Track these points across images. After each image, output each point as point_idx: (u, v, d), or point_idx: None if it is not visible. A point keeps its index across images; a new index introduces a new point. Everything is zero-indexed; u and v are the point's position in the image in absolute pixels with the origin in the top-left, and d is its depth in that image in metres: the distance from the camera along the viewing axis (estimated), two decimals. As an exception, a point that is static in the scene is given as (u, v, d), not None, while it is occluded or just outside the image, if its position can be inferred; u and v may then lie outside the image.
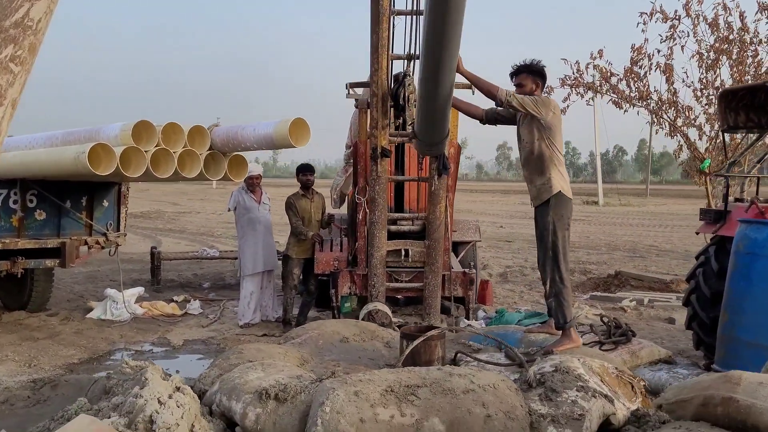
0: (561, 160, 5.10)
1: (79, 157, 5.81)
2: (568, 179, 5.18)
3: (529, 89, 5.13)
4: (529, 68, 5.18)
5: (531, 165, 5.11)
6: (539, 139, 5.03)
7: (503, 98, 4.98)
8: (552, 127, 5.00)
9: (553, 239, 5.03)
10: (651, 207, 40.06)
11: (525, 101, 4.97)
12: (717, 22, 10.03)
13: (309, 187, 7.99)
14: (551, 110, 5.01)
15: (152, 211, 28.75)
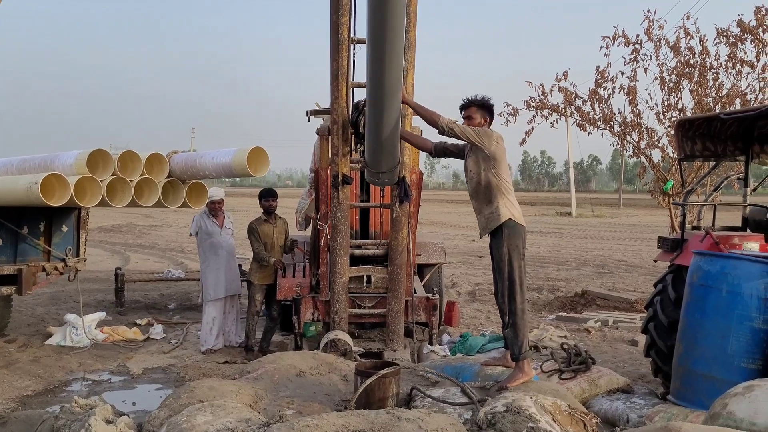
0: (509, 189, 5.14)
1: (31, 188, 5.72)
2: (518, 207, 5.21)
3: (477, 123, 5.19)
4: (479, 103, 5.25)
5: (479, 195, 5.15)
6: (485, 170, 5.07)
7: (444, 126, 5.06)
8: (496, 157, 5.05)
9: (509, 270, 5.05)
10: (623, 218, 40.50)
11: (466, 130, 5.03)
12: (678, 45, 10.19)
13: (272, 213, 7.94)
14: (494, 141, 5.06)
15: (123, 224, 28.43)
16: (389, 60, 4.57)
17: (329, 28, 6.41)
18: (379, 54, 4.56)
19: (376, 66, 4.67)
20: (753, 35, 9.49)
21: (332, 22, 6.34)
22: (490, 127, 5.24)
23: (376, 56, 4.59)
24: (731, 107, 9.81)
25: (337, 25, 6.29)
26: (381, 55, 4.55)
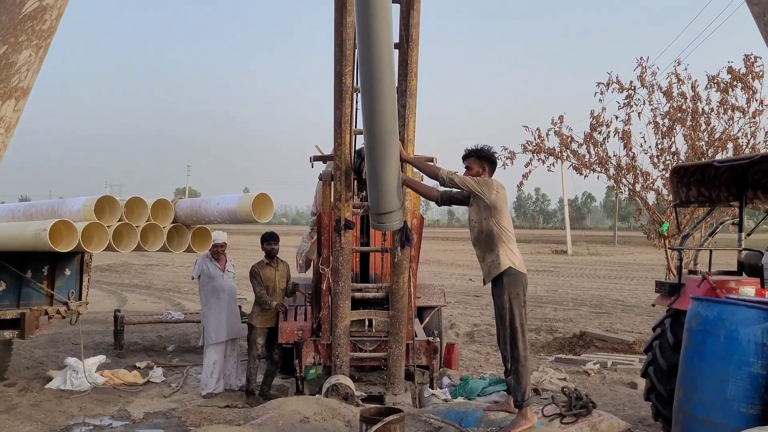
0: (510, 237, 5.26)
1: (39, 234, 5.80)
2: (519, 255, 5.32)
3: (476, 172, 5.33)
4: (478, 153, 5.40)
5: (481, 243, 5.27)
6: (486, 219, 5.20)
7: (445, 177, 5.19)
8: (497, 206, 5.17)
9: (511, 318, 5.15)
10: (618, 256, 40.64)
11: (466, 181, 5.17)
12: (671, 91, 10.43)
13: (273, 256, 8.02)
14: (494, 190, 5.18)
15: (119, 263, 28.38)
16: (380, 110, 4.76)
17: (332, 77, 6.58)
18: (371, 104, 4.77)
19: (370, 116, 4.87)
20: (743, 82, 9.75)
21: (336, 72, 6.51)
22: (491, 177, 5.37)
23: (368, 106, 4.79)
24: (724, 151, 10.02)
25: (341, 75, 6.47)
26: (372, 105, 4.76)
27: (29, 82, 2.31)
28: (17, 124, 2.31)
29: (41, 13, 2.31)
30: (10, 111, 2.25)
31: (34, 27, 2.29)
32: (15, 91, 2.25)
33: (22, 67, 2.26)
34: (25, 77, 2.28)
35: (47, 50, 2.31)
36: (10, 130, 2.26)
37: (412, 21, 6.27)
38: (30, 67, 2.29)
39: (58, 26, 2.35)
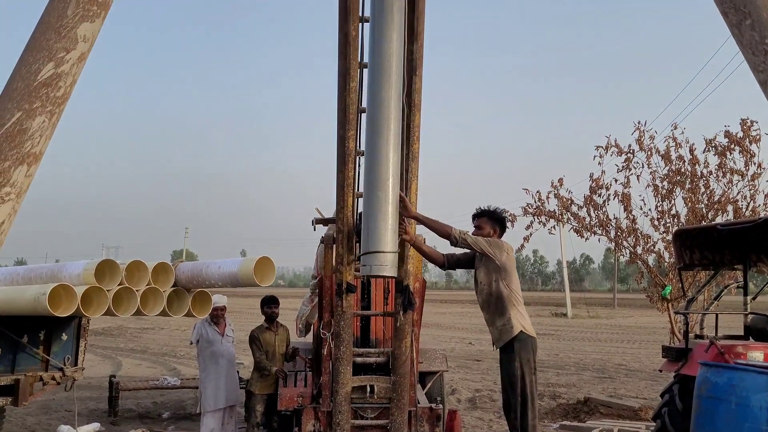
0: (519, 300, 5.21)
1: (38, 299, 5.74)
2: (528, 318, 5.26)
3: (487, 233, 5.31)
4: (490, 214, 5.39)
5: (491, 307, 5.21)
6: (496, 281, 5.16)
7: (457, 237, 5.16)
8: (507, 268, 5.14)
9: (522, 386, 5.05)
10: (619, 319, 40.31)
11: (478, 241, 5.14)
12: (669, 154, 10.55)
13: (274, 320, 7.92)
14: (504, 251, 5.16)
15: (114, 327, 28.04)
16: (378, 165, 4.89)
17: (335, 141, 6.63)
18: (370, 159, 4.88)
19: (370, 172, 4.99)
20: (740, 146, 9.87)
21: (338, 136, 6.56)
22: (501, 238, 5.36)
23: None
24: (724, 214, 10.06)
25: (344, 139, 6.51)
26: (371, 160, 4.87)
27: (41, 148, 2.31)
28: (28, 189, 2.30)
29: (56, 80, 2.33)
30: (22, 176, 2.24)
31: (48, 93, 2.31)
32: (27, 156, 2.26)
33: (36, 133, 2.27)
34: (38, 143, 2.28)
35: (60, 116, 2.33)
36: (21, 195, 2.25)
37: (414, 86, 6.36)
38: (43, 133, 2.30)
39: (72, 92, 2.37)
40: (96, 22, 2.46)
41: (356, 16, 6.13)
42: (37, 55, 2.33)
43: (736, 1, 2.71)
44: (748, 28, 2.66)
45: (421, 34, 6.26)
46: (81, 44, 2.39)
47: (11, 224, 2.25)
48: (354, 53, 6.19)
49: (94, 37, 2.44)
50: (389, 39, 5.42)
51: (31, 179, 2.30)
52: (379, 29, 5.42)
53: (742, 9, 2.70)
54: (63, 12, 2.41)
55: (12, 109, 2.26)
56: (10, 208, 2.21)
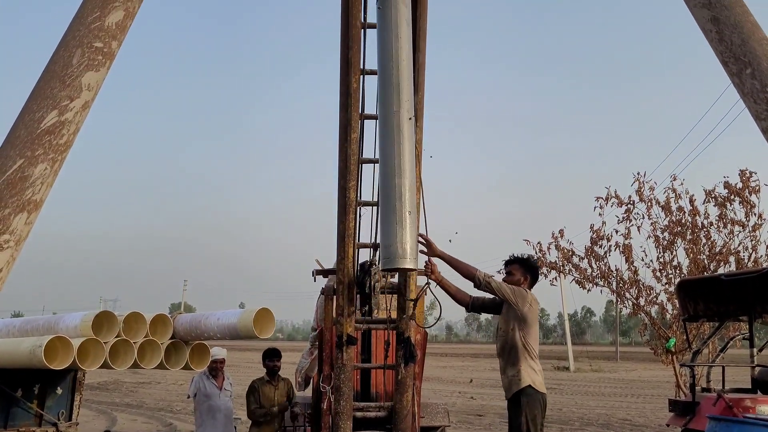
0: (533, 354, 5.12)
1: (34, 351, 5.64)
2: (540, 372, 5.16)
3: (516, 280, 5.26)
4: (522, 261, 5.35)
5: (505, 355, 5.15)
6: (513, 330, 5.09)
7: (482, 279, 5.08)
8: (527, 319, 5.07)
9: (527, 442, 4.93)
10: (622, 373, 39.74)
11: (503, 287, 5.07)
12: (669, 205, 10.57)
13: (275, 373, 7.77)
14: (528, 303, 5.09)
15: (110, 381, 27.61)
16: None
17: (336, 192, 6.64)
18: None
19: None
20: (740, 197, 9.90)
21: (340, 187, 6.57)
22: (530, 288, 5.29)
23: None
24: (726, 265, 10.00)
25: (345, 189, 6.52)
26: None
27: (42, 196, 2.29)
28: (27, 236, 2.27)
29: (59, 128, 2.33)
30: (21, 224, 2.22)
31: (51, 141, 2.30)
32: (28, 204, 2.24)
33: (37, 181, 2.26)
34: (38, 190, 2.27)
35: (62, 164, 2.32)
36: (20, 243, 2.22)
37: (415, 137, 6.41)
38: (44, 181, 2.28)
39: (75, 140, 2.37)
40: (101, 71, 2.47)
41: (357, 68, 6.22)
42: (41, 103, 2.34)
43: (736, 50, 2.74)
44: (748, 77, 2.68)
45: (421, 86, 6.34)
46: (85, 93, 2.40)
47: (9, 272, 2.21)
48: (355, 105, 6.26)
49: (98, 85, 2.45)
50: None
51: (31, 227, 2.27)
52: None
53: (742, 58, 2.72)
54: (68, 61, 2.42)
55: (14, 156, 2.25)
56: (8, 255, 2.18)
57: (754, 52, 2.68)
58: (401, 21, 5.39)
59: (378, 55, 5.41)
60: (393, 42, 5.32)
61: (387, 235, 5.39)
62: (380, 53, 5.35)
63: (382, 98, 5.15)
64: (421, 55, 6.30)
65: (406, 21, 5.46)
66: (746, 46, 2.70)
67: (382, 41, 5.35)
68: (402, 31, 5.38)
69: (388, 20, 5.38)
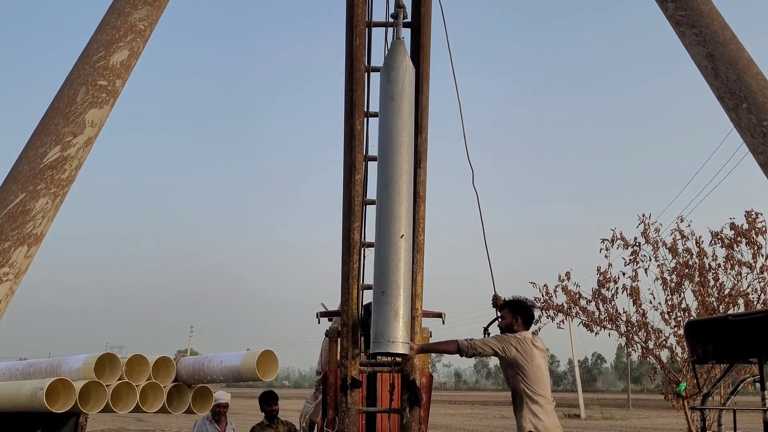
0: (535, 398, 5.01)
1: (36, 394, 5.61)
2: (547, 415, 5.03)
3: (508, 323, 5.25)
4: (510, 305, 5.33)
5: (513, 400, 5.14)
6: (512, 376, 5.05)
7: (465, 348, 5.07)
8: (518, 361, 5.00)
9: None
10: (634, 420, 38.98)
11: (486, 343, 5.06)
12: (676, 247, 10.53)
13: (273, 417, 7.66)
14: (512, 346, 5.03)
15: (113, 429, 27.27)
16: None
17: (341, 233, 6.65)
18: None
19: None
20: (747, 238, 9.85)
21: (344, 228, 6.59)
22: (526, 329, 5.25)
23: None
24: (735, 307, 9.90)
25: (349, 231, 6.53)
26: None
27: (43, 229, 2.31)
28: (27, 270, 2.28)
29: (62, 163, 2.36)
30: (21, 257, 2.23)
31: (53, 176, 2.33)
32: (28, 237, 2.25)
33: (38, 215, 2.28)
34: (39, 224, 2.29)
35: (64, 198, 2.34)
36: (19, 276, 2.23)
37: (419, 178, 6.44)
38: (45, 215, 2.31)
39: (77, 175, 2.40)
40: (104, 109, 2.52)
41: (362, 110, 6.30)
42: (44, 139, 2.38)
43: (732, 86, 2.77)
44: (745, 112, 2.70)
45: (425, 128, 6.40)
46: (88, 129, 2.44)
47: (8, 304, 2.22)
48: (359, 146, 6.32)
49: (102, 122, 2.50)
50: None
51: (31, 260, 2.29)
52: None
53: (738, 93, 2.75)
54: (72, 99, 2.47)
55: (16, 190, 2.28)
56: (7, 288, 2.19)
57: (749, 87, 2.71)
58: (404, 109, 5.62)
59: (378, 142, 5.61)
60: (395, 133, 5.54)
61: (376, 320, 5.50)
62: (379, 140, 5.57)
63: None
64: (424, 98, 6.38)
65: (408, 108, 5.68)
66: (741, 82, 2.73)
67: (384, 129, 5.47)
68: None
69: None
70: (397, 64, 5.66)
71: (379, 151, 5.57)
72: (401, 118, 5.60)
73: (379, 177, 5.49)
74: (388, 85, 5.61)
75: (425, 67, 6.32)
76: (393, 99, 5.60)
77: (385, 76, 5.66)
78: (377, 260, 5.21)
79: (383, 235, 5.09)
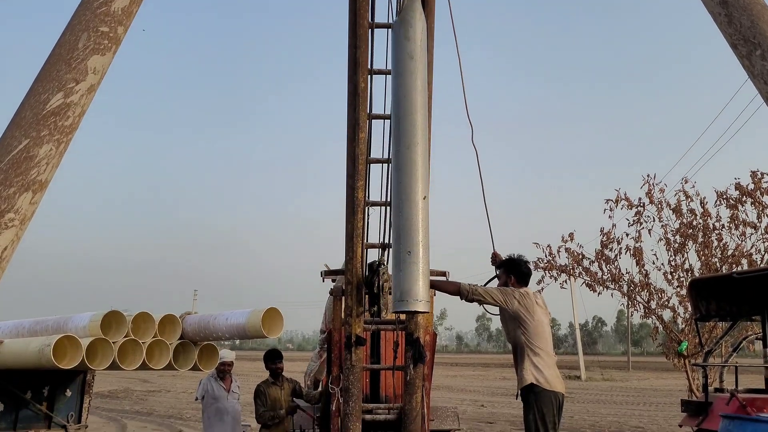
0: (537, 351, 5.06)
1: (43, 350, 5.65)
2: (550, 370, 5.08)
3: (503, 282, 5.25)
4: (505, 263, 5.33)
5: (514, 353, 5.19)
6: (513, 329, 5.08)
7: (467, 291, 5.08)
8: (520, 314, 5.04)
9: (537, 440, 4.88)
10: (634, 381, 39.41)
11: (489, 292, 5.07)
12: (680, 207, 10.50)
13: (279, 375, 7.74)
14: (515, 300, 5.05)
15: (120, 389, 27.65)
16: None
17: (345, 192, 6.63)
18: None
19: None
20: (752, 197, 9.81)
21: (348, 186, 6.56)
22: (525, 285, 5.27)
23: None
24: (738, 267, 9.90)
25: (353, 189, 6.50)
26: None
27: (48, 176, 2.29)
28: (32, 217, 2.27)
29: (65, 109, 2.33)
30: (26, 203, 2.22)
31: (56, 122, 2.30)
32: (33, 183, 2.24)
33: (42, 161, 2.26)
34: (44, 171, 2.27)
35: (68, 146, 2.32)
36: (25, 222, 2.22)
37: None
38: (50, 162, 2.29)
39: (80, 123, 2.37)
40: (107, 56, 2.48)
41: (365, 68, 6.21)
42: (46, 85, 2.35)
43: (746, 32, 2.71)
44: (758, 59, 2.65)
45: (430, 84, 6.34)
46: (91, 76, 2.40)
47: (14, 251, 2.21)
48: (363, 104, 6.25)
49: (104, 69, 2.46)
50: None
51: (36, 206, 2.27)
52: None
53: (751, 40, 2.70)
54: (74, 45, 2.43)
55: (19, 136, 2.26)
56: (13, 234, 2.18)
57: (763, 33, 2.66)
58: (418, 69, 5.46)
59: (392, 101, 5.48)
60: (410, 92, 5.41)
61: (395, 278, 5.50)
62: (395, 100, 5.44)
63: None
64: (429, 55, 6.29)
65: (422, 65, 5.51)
66: (756, 28, 2.68)
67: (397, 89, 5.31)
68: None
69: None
70: (415, 21, 5.49)
71: (397, 111, 5.44)
72: (420, 78, 5.48)
73: (399, 138, 5.38)
74: (405, 42, 5.44)
75: (431, 22, 6.22)
76: (412, 58, 5.46)
77: (402, 33, 5.48)
78: (400, 220, 5.17)
79: (406, 196, 5.06)
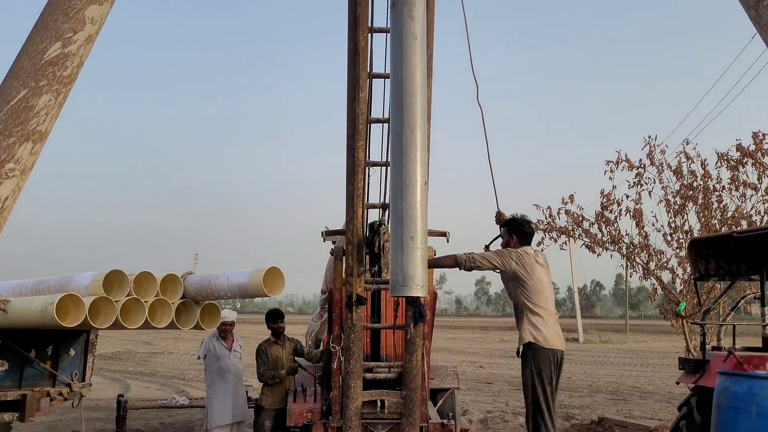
0: (537, 309, 5.12)
1: (46, 309, 5.69)
2: (550, 328, 5.15)
3: (505, 242, 5.29)
4: (507, 223, 5.37)
5: (515, 312, 5.23)
6: (514, 289, 5.12)
7: (463, 263, 5.12)
8: (519, 275, 5.08)
9: (533, 395, 4.96)
10: (631, 344, 39.82)
11: (486, 256, 5.11)
12: (680, 169, 10.47)
13: (280, 335, 7.81)
14: (512, 260, 5.09)
15: (123, 351, 27.94)
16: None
17: (345, 152, 6.60)
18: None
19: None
20: (753, 158, 9.78)
21: (348, 147, 6.53)
22: (527, 244, 5.30)
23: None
24: (738, 228, 9.91)
25: (353, 149, 6.48)
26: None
27: (47, 126, 2.28)
28: (33, 167, 2.26)
29: (63, 59, 2.31)
30: (26, 153, 2.21)
31: (55, 72, 2.28)
32: (33, 134, 2.22)
33: (41, 111, 2.24)
34: (43, 121, 2.25)
35: (67, 96, 2.30)
36: (25, 172, 2.21)
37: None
38: (49, 112, 2.27)
39: (79, 74, 2.34)
40: (104, 5, 2.44)
41: (365, 26, 6.13)
42: (44, 35, 2.31)
43: (753, -18, 2.66)
44: (765, 8, 2.60)
45: (431, 44, 6.28)
46: (89, 26, 2.37)
47: (15, 201, 2.21)
48: (363, 63, 6.18)
49: (102, 20, 2.42)
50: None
51: (36, 157, 2.26)
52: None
53: (759, -10, 2.65)
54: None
55: (18, 86, 2.24)
56: (14, 184, 2.18)
57: (771, -18, 2.61)
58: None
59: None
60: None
61: (395, 261, 5.50)
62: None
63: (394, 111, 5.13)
64: (430, 13, 6.21)
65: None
66: (763, -23, 2.63)
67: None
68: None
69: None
70: None
71: (397, 84, 5.35)
72: (421, 46, 5.40)
73: (400, 120, 5.31)
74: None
75: (431, -24, 6.14)
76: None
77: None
78: (402, 205, 5.16)
79: (409, 181, 5.04)
